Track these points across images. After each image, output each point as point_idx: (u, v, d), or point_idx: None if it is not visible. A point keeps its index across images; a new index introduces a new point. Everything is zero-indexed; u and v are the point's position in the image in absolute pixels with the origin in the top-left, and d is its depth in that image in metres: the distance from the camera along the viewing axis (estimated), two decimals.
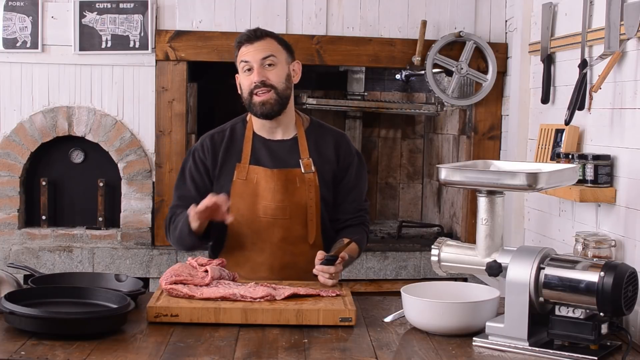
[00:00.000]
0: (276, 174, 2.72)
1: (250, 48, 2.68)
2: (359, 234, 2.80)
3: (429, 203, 5.16)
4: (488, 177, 2.24)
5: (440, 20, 4.24)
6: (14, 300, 2.17)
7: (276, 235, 2.72)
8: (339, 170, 2.81)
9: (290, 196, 2.72)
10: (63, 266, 4.04)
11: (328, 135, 2.83)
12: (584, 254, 2.57)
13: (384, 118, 5.17)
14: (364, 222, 2.86)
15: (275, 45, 2.72)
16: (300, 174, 2.73)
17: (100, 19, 4.05)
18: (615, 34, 2.74)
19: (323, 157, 2.78)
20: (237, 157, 2.76)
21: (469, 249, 2.33)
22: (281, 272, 2.71)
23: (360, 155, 2.90)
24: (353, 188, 2.83)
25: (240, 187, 2.73)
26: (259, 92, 2.67)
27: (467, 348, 2.16)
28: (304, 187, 2.73)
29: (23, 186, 4.16)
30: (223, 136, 2.80)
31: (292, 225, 2.73)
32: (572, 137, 3.08)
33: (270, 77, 2.67)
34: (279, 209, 2.71)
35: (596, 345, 2.10)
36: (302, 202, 2.73)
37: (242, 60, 2.69)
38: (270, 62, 2.68)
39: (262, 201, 2.72)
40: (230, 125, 2.83)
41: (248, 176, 2.73)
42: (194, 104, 4.32)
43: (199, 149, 2.80)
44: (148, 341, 2.14)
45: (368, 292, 4.19)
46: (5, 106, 4.09)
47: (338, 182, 2.81)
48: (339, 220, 2.83)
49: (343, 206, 2.83)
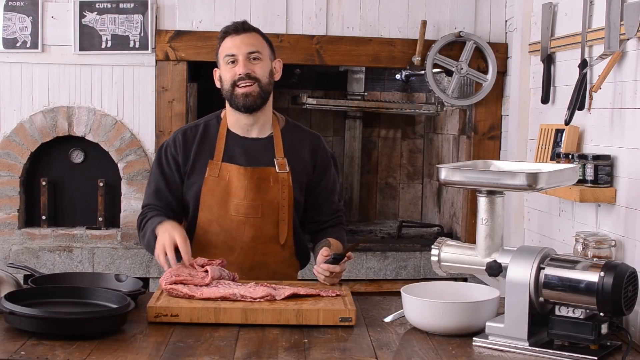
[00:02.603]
0: (249, 172, 2.70)
1: (237, 40, 2.67)
2: (339, 233, 2.83)
3: (429, 203, 5.16)
4: (488, 177, 2.24)
5: (440, 20, 4.24)
6: (14, 300, 2.17)
7: (247, 234, 2.71)
8: (316, 174, 2.81)
9: (263, 195, 2.70)
10: (63, 266, 4.04)
11: (304, 138, 2.82)
12: (584, 254, 2.57)
13: (384, 118, 5.17)
14: (341, 222, 2.90)
15: (261, 41, 2.72)
16: (274, 173, 2.72)
17: (100, 19, 4.04)
18: (615, 34, 2.74)
19: (298, 159, 2.77)
20: (209, 154, 2.73)
21: (469, 249, 2.33)
22: (251, 272, 2.70)
23: (334, 156, 2.91)
24: (331, 191, 2.85)
25: (212, 184, 2.71)
26: (242, 84, 2.65)
27: (467, 348, 2.16)
28: (278, 186, 2.72)
29: (23, 186, 4.16)
30: (196, 132, 2.77)
31: (264, 225, 2.72)
32: (572, 137, 3.08)
33: (255, 70, 2.67)
34: (251, 208, 2.70)
35: (596, 345, 2.10)
36: (275, 202, 2.71)
37: (227, 54, 2.67)
38: (255, 56, 2.67)
39: (234, 199, 2.70)
40: (204, 121, 2.81)
41: (220, 173, 2.71)
42: (194, 104, 4.32)
43: (170, 144, 2.77)
44: (148, 341, 2.14)
45: (368, 292, 4.19)
46: (5, 106, 4.08)
47: (315, 185, 2.81)
48: (319, 222, 2.84)
49: (323, 208, 2.84)
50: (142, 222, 2.74)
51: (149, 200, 2.79)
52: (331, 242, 2.73)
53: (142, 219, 2.75)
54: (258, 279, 2.62)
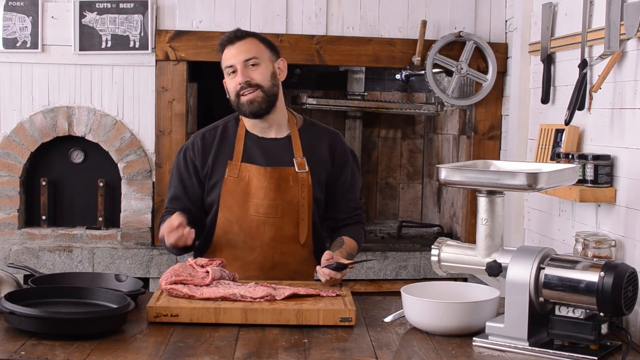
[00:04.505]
0: (269, 172, 2.71)
1: (232, 50, 2.67)
2: (356, 232, 2.82)
3: (429, 203, 5.16)
4: (488, 177, 2.24)
5: (440, 20, 4.24)
6: (14, 300, 2.17)
7: (267, 234, 2.71)
8: (334, 170, 2.80)
9: (282, 195, 2.71)
10: (63, 266, 4.04)
11: (322, 135, 2.82)
12: (584, 254, 2.57)
13: (384, 118, 5.17)
14: (360, 221, 2.88)
15: (257, 45, 2.71)
16: (293, 173, 2.72)
17: (100, 19, 4.05)
18: (615, 34, 2.74)
19: (317, 157, 2.77)
20: (229, 155, 2.74)
21: (469, 249, 2.33)
22: (271, 272, 2.71)
23: (354, 153, 2.90)
24: (350, 187, 2.84)
25: (232, 184, 2.71)
26: (245, 92, 2.66)
27: (467, 348, 2.16)
28: (297, 186, 2.72)
29: (23, 186, 4.16)
30: (215, 134, 2.78)
31: (284, 224, 2.72)
32: (572, 137, 3.08)
33: (254, 77, 2.66)
34: (271, 208, 2.70)
35: (596, 345, 2.10)
36: (295, 201, 2.72)
37: (227, 66, 2.69)
38: (253, 62, 2.67)
39: (254, 199, 2.70)
40: (223, 123, 2.82)
41: (240, 174, 2.71)
42: (194, 104, 4.32)
43: (189, 148, 2.78)
44: (148, 341, 2.14)
45: (368, 292, 4.19)
46: (5, 106, 4.09)
47: (334, 182, 2.81)
48: (337, 219, 2.84)
49: (340, 205, 2.83)
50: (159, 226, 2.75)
51: (168, 204, 2.82)
52: (345, 241, 2.73)
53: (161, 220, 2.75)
54: (279, 278, 2.64)
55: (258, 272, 2.69)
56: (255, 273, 2.69)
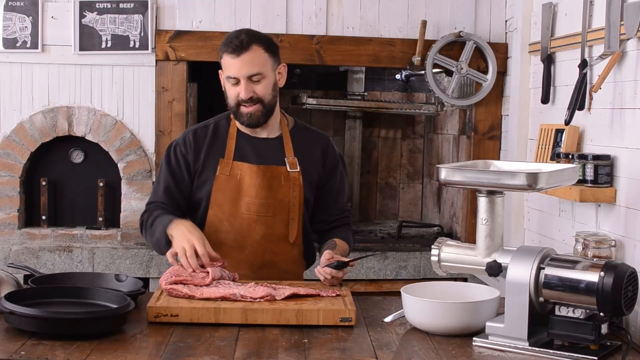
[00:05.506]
0: (261, 170, 2.70)
1: (237, 63, 2.62)
2: (346, 234, 2.84)
3: (429, 203, 5.16)
4: (488, 177, 2.24)
5: (440, 20, 4.23)
6: (14, 300, 2.17)
7: (258, 232, 2.71)
8: (325, 173, 2.81)
9: (274, 193, 2.70)
10: (63, 266, 4.04)
11: (314, 138, 2.83)
12: (584, 254, 2.57)
13: (384, 118, 5.17)
14: (348, 223, 2.90)
15: (261, 55, 2.64)
16: (285, 172, 2.72)
17: (100, 19, 4.04)
18: (615, 34, 2.74)
19: (309, 158, 2.77)
20: (220, 153, 2.73)
21: (469, 249, 2.33)
22: (260, 270, 2.70)
23: (343, 157, 2.92)
24: (339, 190, 2.86)
25: (223, 182, 2.70)
26: (246, 105, 2.65)
27: (467, 348, 2.16)
28: (289, 185, 2.72)
29: (23, 186, 4.16)
30: (207, 131, 2.77)
31: (275, 223, 2.72)
32: (572, 137, 3.08)
33: (257, 91, 2.64)
34: (262, 206, 2.70)
35: (596, 345, 2.10)
36: (286, 200, 2.72)
37: (229, 76, 2.65)
38: (257, 78, 2.64)
39: (245, 197, 2.70)
40: (214, 121, 2.81)
41: (232, 172, 2.71)
42: (194, 104, 4.32)
43: (180, 143, 2.76)
44: (148, 341, 2.14)
45: (368, 292, 4.19)
46: (5, 106, 4.08)
47: (324, 184, 2.82)
48: (326, 221, 2.85)
49: (329, 208, 2.84)
50: (147, 220, 2.71)
51: (156, 197, 2.77)
52: (337, 243, 2.73)
53: (147, 217, 2.72)
54: (268, 278, 2.62)
55: (247, 270, 2.68)
56: (245, 272, 2.66)
